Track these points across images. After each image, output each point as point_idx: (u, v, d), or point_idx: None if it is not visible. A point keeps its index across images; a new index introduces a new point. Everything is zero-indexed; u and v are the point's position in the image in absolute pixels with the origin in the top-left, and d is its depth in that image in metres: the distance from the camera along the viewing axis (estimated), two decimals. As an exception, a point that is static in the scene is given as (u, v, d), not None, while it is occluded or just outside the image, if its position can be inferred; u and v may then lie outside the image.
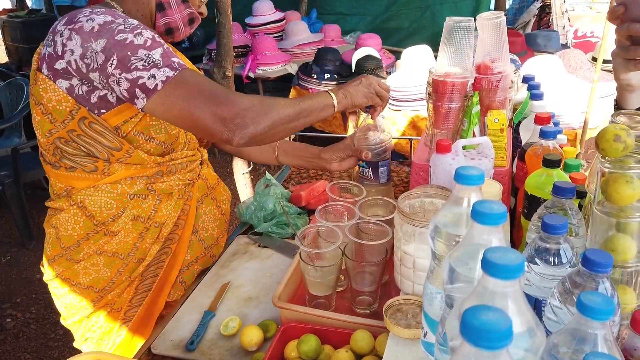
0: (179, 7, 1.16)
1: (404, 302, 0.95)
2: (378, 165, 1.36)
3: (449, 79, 1.16)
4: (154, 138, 1.17)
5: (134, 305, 1.25)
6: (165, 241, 1.26)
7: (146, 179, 1.19)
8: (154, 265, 1.25)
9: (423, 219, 0.90)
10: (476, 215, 0.58)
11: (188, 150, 1.29)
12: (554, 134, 1.12)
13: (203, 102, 1.00)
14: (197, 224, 1.33)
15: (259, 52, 4.08)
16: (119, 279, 1.22)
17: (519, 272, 0.47)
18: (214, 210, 1.38)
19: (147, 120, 1.14)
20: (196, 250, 1.33)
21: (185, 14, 1.18)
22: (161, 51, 1.02)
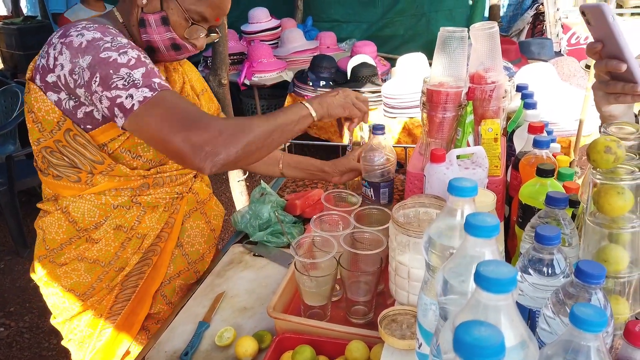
0: (158, 28, 1.12)
1: (399, 312, 0.95)
2: (380, 186, 1.37)
3: (443, 89, 1.16)
4: (141, 156, 1.17)
5: (114, 313, 1.26)
6: (147, 252, 1.25)
7: (131, 190, 1.20)
8: (135, 276, 1.26)
9: (417, 229, 0.91)
10: (469, 228, 0.58)
11: None
12: (547, 143, 1.13)
13: (175, 126, 0.98)
14: (182, 237, 1.31)
15: (254, 60, 4.09)
16: (99, 285, 1.23)
17: (511, 285, 0.47)
18: (202, 225, 1.36)
19: (135, 139, 1.14)
20: (179, 264, 1.32)
21: (165, 37, 1.14)
22: (143, 71, 1.02)
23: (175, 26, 1.13)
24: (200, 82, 1.42)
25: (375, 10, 5.14)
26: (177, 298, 1.32)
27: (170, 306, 1.32)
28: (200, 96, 1.39)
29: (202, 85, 1.42)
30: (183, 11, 1.11)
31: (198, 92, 1.39)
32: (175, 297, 1.32)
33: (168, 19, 1.12)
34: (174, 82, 1.28)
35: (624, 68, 0.92)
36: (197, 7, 1.12)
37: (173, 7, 1.11)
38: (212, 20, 1.16)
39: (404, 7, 5.02)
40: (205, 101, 1.40)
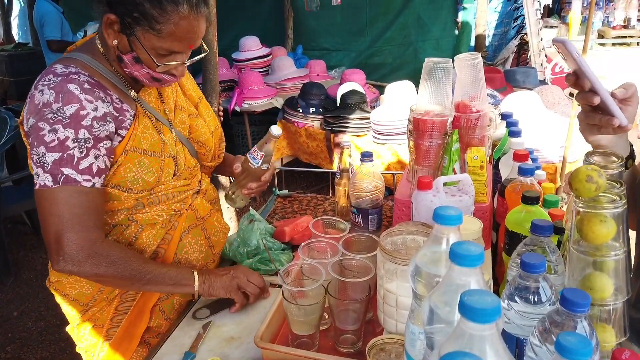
0: (135, 65, 1.14)
1: (387, 341, 0.94)
2: (368, 212, 1.38)
3: (429, 117, 1.18)
4: (131, 189, 1.19)
5: (114, 325, 1.27)
6: None
7: (126, 210, 1.22)
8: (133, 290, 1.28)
9: (405, 256, 0.91)
10: (454, 257, 0.58)
11: (179, 180, 1.29)
12: (531, 171, 1.15)
13: (52, 227, 1.08)
14: (180, 254, 1.32)
15: (245, 87, 4.13)
16: (100, 296, 1.26)
17: (495, 315, 0.48)
18: (201, 242, 1.37)
19: (122, 173, 1.17)
20: None
21: (143, 73, 1.15)
22: (57, 157, 1.07)
23: (147, 64, 1.14)
24: (196, 91, 1.46)
25: (363, 39, 5.24)
26: (176, 314, 1.33)
27: (168, 321, 1.32)
28: (199, 104, 1.43)
29: (198, 94, 1.45)
30: (148, 52, 1.11)
31: (195, 100, 1.42)
32: (174, 313, 1.33)
33: (139, 57, 1.13)
34: (167, 97, 1.31)
35: (596, 101, 0.92)
36: (162, 44, 1.11)
37: (139, 47, 1.11)
38: (184, 50, 1.15)
39: (392, 36, 5.13)
40: (203, 108, 1.44)
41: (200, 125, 1.39)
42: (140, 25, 1.09)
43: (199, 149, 1.39)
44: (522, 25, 4.95)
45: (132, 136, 1.18)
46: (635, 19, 5.35)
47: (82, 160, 1.09)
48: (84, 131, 1.09)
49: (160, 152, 1.23)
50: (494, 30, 5.19)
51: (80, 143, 1.08)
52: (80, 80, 1.11)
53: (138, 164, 1.18)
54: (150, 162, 1.20)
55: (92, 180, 1.10)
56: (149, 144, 1.21)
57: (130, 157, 1.18)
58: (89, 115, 1.09)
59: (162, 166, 1.23)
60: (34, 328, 2.90)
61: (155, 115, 1.25)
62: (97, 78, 1.15)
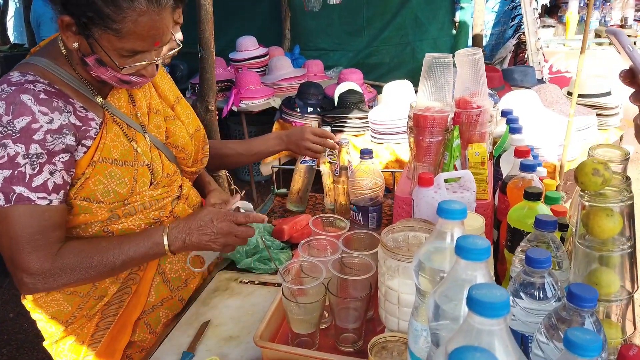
0: (99, 68, 1.06)
1: (389, 339, 0.92)
2: (368, 210, 1.37)
3: (429, 114, 1.17)
4: (102, 201, 1.12)
5: (95, 341, 1.23)
6: (126, 281, 1.22)
7: (100, 223, 1.14)
8: (115, 304, 1.22)
9: (407, 253, 0.89)
10: (460, 251, 0.57)
11: (157, 189, 1.21)
12: (533, 167, 1.14)
13: (6, 247, 1.03)
14: (164, 264, 1.27)
15: (242, 87, 4.11)
16: (80, 313, 1.21)
17: (504, 310, 0.46)
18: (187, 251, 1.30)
19: (90, 186, 1.09)
20: (161, 292, 1.27)
21: (109, 76, 1.07)
22: (7, 174, 0.99)
23: (111, 67, 1.05)
24: (173, 91, 1.36)
25: (361, 39, 5.23)
26: (162, 327, 1.28)
27: (154, 335, 1.27)
28: (176, 105, 1.34)
29: (175, 94, 1.36)
30: (108, 54, 1.03)
31: (172, 102, 1.33)
32: (160, 326, 1.28)
33: (102, 60, 1.04)
34: (139, 100, 1.23)
35: None
36: (124, 45, 1.02)
37: (100, 49, 1.02)
38: (149, 49, 1.05)
39: (389, 36, 5.12)
40: (181, 109, 1.35)
41: (177, 129, 1.31)
42: (96, 26, 0.99)
43: (178, 153, 1.31)
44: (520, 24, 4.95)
45: (100, 146, 1.10)
46: (632, 18, 5.36)
47: (35, 177, 1.00)
48: (36, 146, 1.00)
49: (132, 160, 1.15)
50: (492, 29, 5.19)
51: (32, 159, 1.00)
52: (35, 90, 1.02)
53: (108, 175, 1.11)
54: (121, 173, 1.12)
55: (49, 197, 1.02)
56: (119, 153, 1.13)
57: (99, 168, 1.09)
58: (42, 128, 1.00)
59: (135, 176, 1.15)
60: (30, 330, 2.87)
61: (126, 121, 1.17)
62: (58, 85, 1.07)
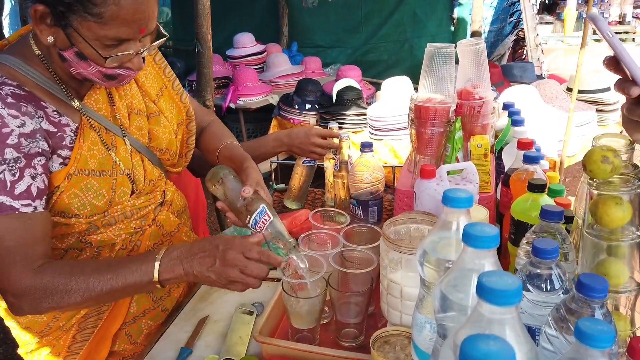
0: (80, 63, 0.97)
1: (392, 333, 0.90)
2: (369, 204, 1.35)
3: (431, 105, 1.15)
4: (78, 215, 1.04)
5: (73, 352, 1.18)
6: None
7: (77, 234, 1.08)
8: (93, 317, 1.16)
9: (409, 245, 0.87)
10: (468, 239, 0.55)
11: (140, 197, 1.16)
12: (537, 158, 1.12)
13: None
14: None
15: (240, 83, 4.08)
16: (55, 324, 1.15)
17: (517, 297, 0.44)
18: None
19: (65, 200, 1.02)
20: (143, 302, 1.20)
21: (92, 71, 0.98)
22: None
23: (93, 59, 0.96)
24: (157, 81, 1.24)
25: (359, 36, 5.20)
26: (144, 338, 1.21)
27: (136, 346, 1.21)
28: (160, 98, 1.23)
29: (159, 84, 1.24)
30: (89, 43, 0.93)
31: (154, 96, 1.22)
32: (142, 337, 1.21)
33: (82, 53, 0.95)
34: (120, 98, 1.15)
35: (634, 93, 0.74)
36: (107, 32, 0.92)
37: (80, 41, 0.93)
38: (134, 36, 0.96)
39: (387, 33, 5.10)
40: (165, 102, 1.24)
41: (162, 130, 1.21)
42: (75, 13, 0.90)
43: (162, 155, 1.23)
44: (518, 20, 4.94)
45: (77, 156, 1.02)
46: (630, 15, 5.36)
47: (17, 183, 0.92)
48: (11, 150, 0.92)
49: (111, 170, 1.07)
50: (490, 26, 5.17)
51: (10, 164, 0.91)
52: (2, 93, 0.93)
53: (84, 187, 1.03)
54: (99, 184, 1.05)
55: (33, 204, 0.94)
56: (97, 163, 1.05)
57: (75, 181, 1.02)
58: (14, 132, 0.92)
59: (113, 186, 1.08)
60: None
61: (104, 125, 1.09)
62: (28, 87, 0.98)
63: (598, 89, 3.10)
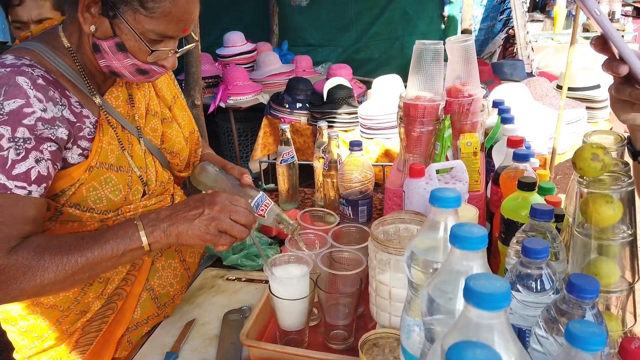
0: (116, 55, 0.97)
1: (381, 336, 0.89)
2: (358, 204, 1.33)
3: (420, 102, 1.13)
4: (93, 209, 1.03)
5: (74, 358, 1.14)
6: (111, 297, 1.13)
7: None
8: (98, 320, 1.14)
9: (398, 246, 0.86)
10: (455, 240, 0.53)
11: (151, 199, 1.15)
12: (527, 156, 1.11)
13: None
14: (153, 279, 1.18)
15: (230, 82, 4.04)
16: (58, 328, 1.11)
17: (505, 301, 0.43)
18: (175, 264, 1.23)
19: (83, 192, 1.00)
20: (148, 309, 1.18)
21: (127, 64, 0.99)
22: None
23: (134, 52, 0.97)
24: (171, 90, 1.28)
25: (349, 34, 5.18)
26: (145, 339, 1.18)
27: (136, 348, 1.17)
28: (173, 106, 1.26)
29: (172, 93, 1.28)
30: (139, 36, 0.95)
31: (169, 102, 1.26)
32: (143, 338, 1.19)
33: (124, 45, 0.96)
34: (138, 101, 1.15)
35: (623, 71, 0.73)
36: (155, 27, 0.95)
37: (127, 32, 0.94)
38: (178, 35, 1.00)
39: (378, 32, 5.09)
40: (178, 109, 1.28)
41: (175, 134, 1.23)
42: (127, 5, 0.92)
43: (172, 159, 1.24)
44: (509, 18, 4.94)
45: (98, 149, 1.02)
46: (619, 12, 5.38)
47: (18, 163, 0.89)
48: (24, 130, 0.90)
49: (127, 166, 1.07)
50: (480, 24, 5.17)
51: (18, 143, 0.89)
52: (34, 74, 0.93)
53: (104, 181, 1.02)
54: (117, 179, 1.05)
55: (28, 188, 0.90)
56: (115, 158, 1.05)
57: (96, 174, 1.01)
58: (34, 114, 0.91)
59: (129, 182, 1.07)
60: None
61: (121, 123, 1.09)
62: (55, 76, 0.98)
63: (588, 86, 3.11)
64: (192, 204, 0.96)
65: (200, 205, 0.95)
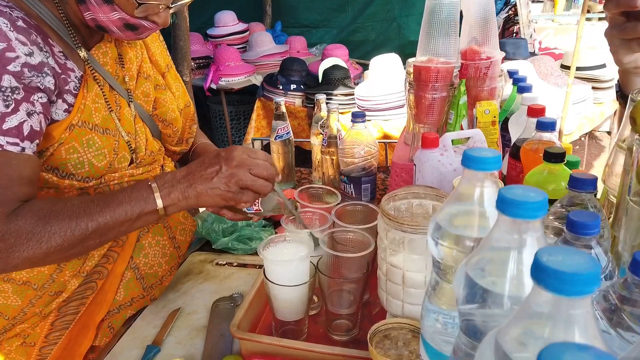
0: (102, 7, 0.89)
1: (393, 326, 0.77)
2: (361, 181, 1.21)
3: (432, 65, 1.01)
4: (73, 174, 0.93)
5: (50, 342, 1.03)
6: (90, 275, 1.02)
7: None
8: (75, 301, 1.02)
9: (413, 222, 0.74)
10: (505, 206, 0.41)
11: (139, 168, 1.05)
12: (552, 124, 0.99)
13: None
14: (138, 258, 1.07)
15: (221, 63, 3.89)
16: (31, 310, 1.00)
17: (594, 284, 0.31)
18: (164, 242, 1.12)
19: (63, 154, 0.90)
20: (132, 289, 1.07)
21: (114, 17, 0.91)
22: None
23: (121, 4, 0.88)
24: (165, 57, 1.19)
25: (345, 15, 5.03)
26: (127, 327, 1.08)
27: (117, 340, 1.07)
28: (166, 74, 1.17)
29: (166, 61, 1.19)
30: None
31: (163, 69, 1.16)
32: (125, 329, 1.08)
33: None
34: (130, 61, 1.05)
35: None
36: None
37: None
38: None
39: (374, 12, 4.94)
40: (172, 79, 1.18)
41: (168, 100, 1.13)
42: None
43: (164, 129, 1.14)
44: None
45: (81, 106, 0.92)
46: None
47: (9, 116, 0.80)
48: (10, 78, 0.80)
49: (114, 130, 0.98)
50: (479, 5, 5.03)
51: (6, 93, 0.79)
52: (12, 15, 0.83)
53: (86, 143, 0.92)
54: (101, 142, 0.95)
55: (21, 144, 0.81)
56: (101, 118, 0.95)
57: (77, 133, 0.91)
58: (19, 59, 0.80)
59: (116, 148, 0.98)
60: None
61: (110, 82, 0.99)
62: (36, 21, 0.87)
63: (593, 65, 3.00)
64: (207, 162, 0.90)
65: (216, 162, 0.89)
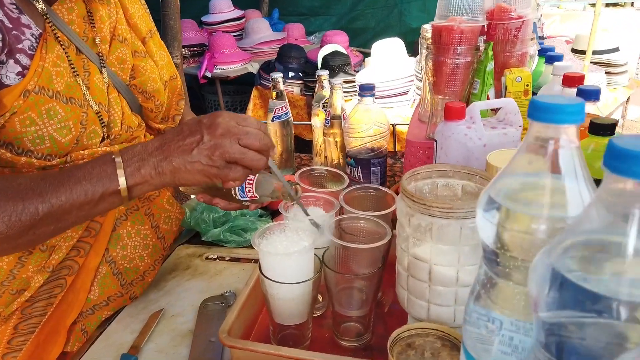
0: None
1: (417, 333, 0.63)
2: (370, 164, 1.07)
3: (455, 24, 0.86)
4: (31, 151, 0.78)
5: (13, 349, 0.88)
6: (57, 271, 0.87)
7: None
8: (42, 301, 0.88)
9: (445, 205, 0.59)
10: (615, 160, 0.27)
11: (113, 146, 0.89)
12: (596, 92, 0.85)
13: None
14: (114, 250, 0.93)
15: (216, 50, 3.74)
16: None
17: None
18: (145, 232, 0.97)
19: (17, 126, 0.75)
20: (109, 287, 0.93)
21: None
22: None
23: None
24: (146, 22, 1.03)
25: (344, 2, 4.91)
26: None
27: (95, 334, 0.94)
28: (148, 39, 1.01)
29: (148, 26, 1.03)
30: None
31: (143, 34, 1.00)
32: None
33: None
34: (101, 20, 0.90)
35: None
36: None
37: None
38: None
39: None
40: (155, 46, 1.02)
41: (149, 69, 0.97)
42: None
43: (145, 102, 0.99)
44: (515, -17, 4.66)
45: (39, 69, 0.77)
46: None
47: None
48: None
49: (81, 99, 0.83)
50: (483, -9, 4.89)
51: None
52: None
53: (46, 113, 0.78)
54: (65, 113, 0.80)
55: None
56: (64, 85, 0.80)
57: (34, 101, 0.76)
58: None
59: (84, 121, 0.82)
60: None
61: (75, 43, 0.84)
62: None
63: (607, 49, 2.87)
64: (187, 130, 0.72)
65: (197, 131, 0.71)
